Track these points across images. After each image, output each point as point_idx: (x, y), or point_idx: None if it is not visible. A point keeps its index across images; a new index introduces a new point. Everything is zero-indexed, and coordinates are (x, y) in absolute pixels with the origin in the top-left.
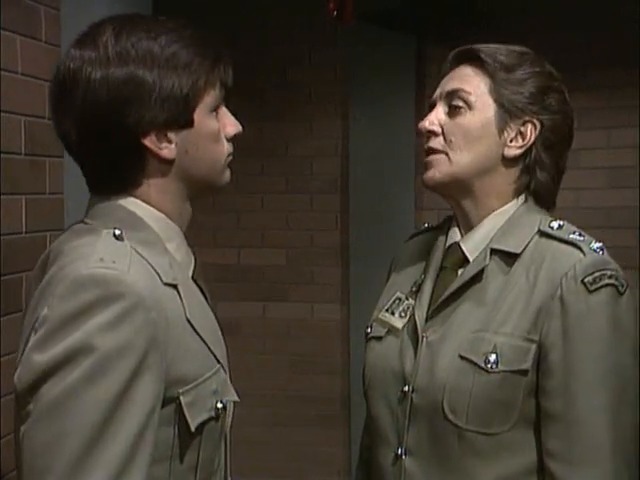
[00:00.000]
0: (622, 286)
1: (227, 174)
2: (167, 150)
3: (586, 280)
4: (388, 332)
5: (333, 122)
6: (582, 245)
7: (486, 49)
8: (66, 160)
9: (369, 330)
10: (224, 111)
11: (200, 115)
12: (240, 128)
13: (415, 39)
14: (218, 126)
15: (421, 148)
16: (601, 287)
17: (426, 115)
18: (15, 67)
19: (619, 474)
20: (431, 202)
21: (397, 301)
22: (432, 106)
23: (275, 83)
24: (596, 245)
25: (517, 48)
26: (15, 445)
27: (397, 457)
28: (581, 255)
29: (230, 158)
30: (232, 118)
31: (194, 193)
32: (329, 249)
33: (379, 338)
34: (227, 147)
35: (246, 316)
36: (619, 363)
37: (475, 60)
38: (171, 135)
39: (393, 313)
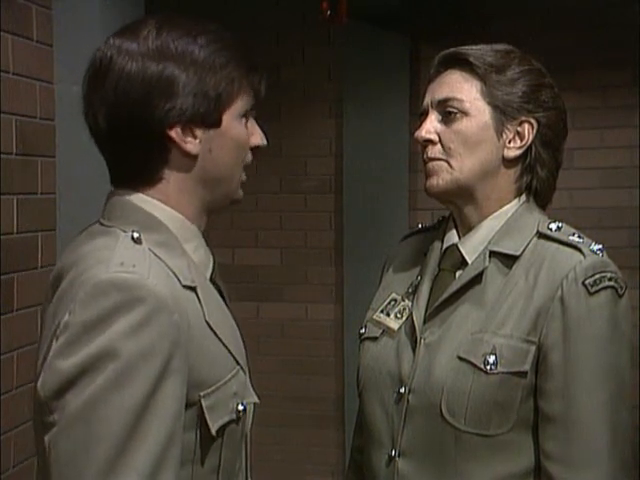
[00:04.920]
0: (621, 288)
1: (240, 191)
2: (191, 145)
3: (587, 282)
4: (383, 333)
5: (327, 122)
6: (582, 247)
7: (473, 52)
8: (58, 160)
9: (363, 331)
10: (253, 121)
11: (229, 118)
12: (265, 142)
13: (409, 39)
14: (245, 132)
15: (415, 156)
16: (601, 289)
17: (419, 124)
18: (7, 67)
19: (617, 476)
20: (425, 202)
21: (392, 302)
22: (423, 114)
23: (268, 82)
24: (596, 247)
25: (501, 47)
26: (38, 455)
27: (391, 459)
28: (581, 257)
29: (244, 177)
30: (259, 130)
31: (210, 200)
32: (323, 249)
33: (374, 339)
34: (248, 156)
35: (240, 316)
36: (617, 365)
37: (463, 64)
38: (197, 131)
39: (388, 314)
